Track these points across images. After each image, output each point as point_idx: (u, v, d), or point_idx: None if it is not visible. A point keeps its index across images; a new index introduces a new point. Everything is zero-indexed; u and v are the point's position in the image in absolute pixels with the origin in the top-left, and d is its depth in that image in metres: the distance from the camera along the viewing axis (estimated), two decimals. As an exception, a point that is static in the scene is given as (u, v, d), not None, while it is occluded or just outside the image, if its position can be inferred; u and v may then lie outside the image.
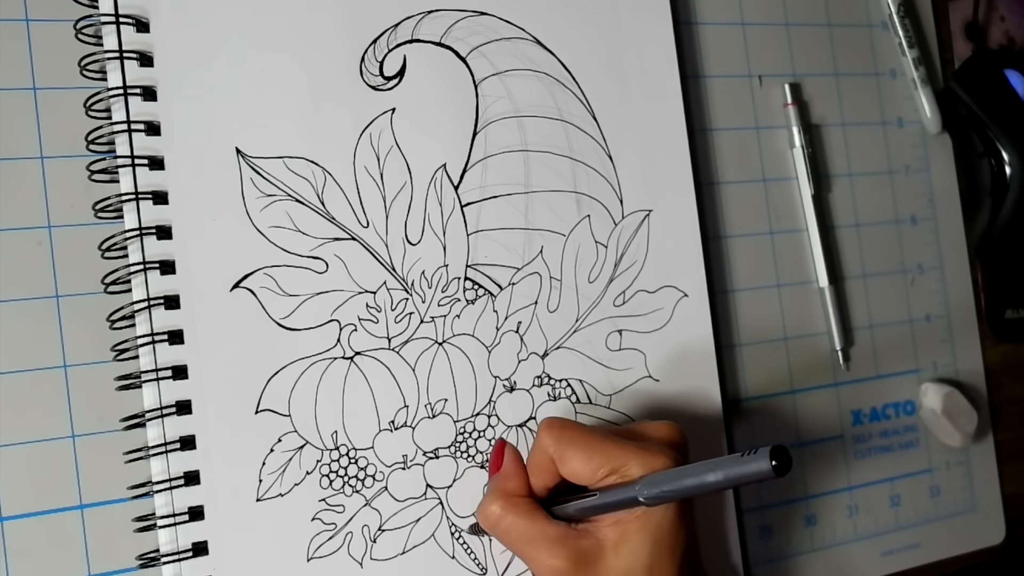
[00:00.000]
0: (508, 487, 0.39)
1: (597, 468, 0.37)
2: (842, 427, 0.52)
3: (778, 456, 0.31)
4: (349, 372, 0.41)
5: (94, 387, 0.37)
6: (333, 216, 0.41)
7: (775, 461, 0.31)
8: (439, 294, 0.42)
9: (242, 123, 0.40)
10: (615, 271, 0.46)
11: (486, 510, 0.39)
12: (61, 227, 0.38)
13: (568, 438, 0.38)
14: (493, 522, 0.38)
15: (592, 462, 0.37)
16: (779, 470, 0.31)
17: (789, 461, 0.31)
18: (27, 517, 0.36)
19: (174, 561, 0.37)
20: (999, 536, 0.56)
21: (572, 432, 0.38)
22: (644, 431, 0.39)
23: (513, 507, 0.38)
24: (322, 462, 0.40)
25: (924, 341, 0.55)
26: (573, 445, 0.37)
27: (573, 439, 0.38)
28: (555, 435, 0.38)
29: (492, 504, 0.38)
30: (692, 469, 0.35)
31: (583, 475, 0.37)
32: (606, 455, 0.37)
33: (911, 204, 0.56)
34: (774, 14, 0.53)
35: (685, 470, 0.35)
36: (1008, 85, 0.56)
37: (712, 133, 0.50)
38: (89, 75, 0.38)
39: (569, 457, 0.37)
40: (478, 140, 0.44)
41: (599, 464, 0.37)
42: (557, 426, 0.38)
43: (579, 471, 0.37)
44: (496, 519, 0.38)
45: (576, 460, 0.37)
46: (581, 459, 0.37)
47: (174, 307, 0.38)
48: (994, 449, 0.56)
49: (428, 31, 0.44)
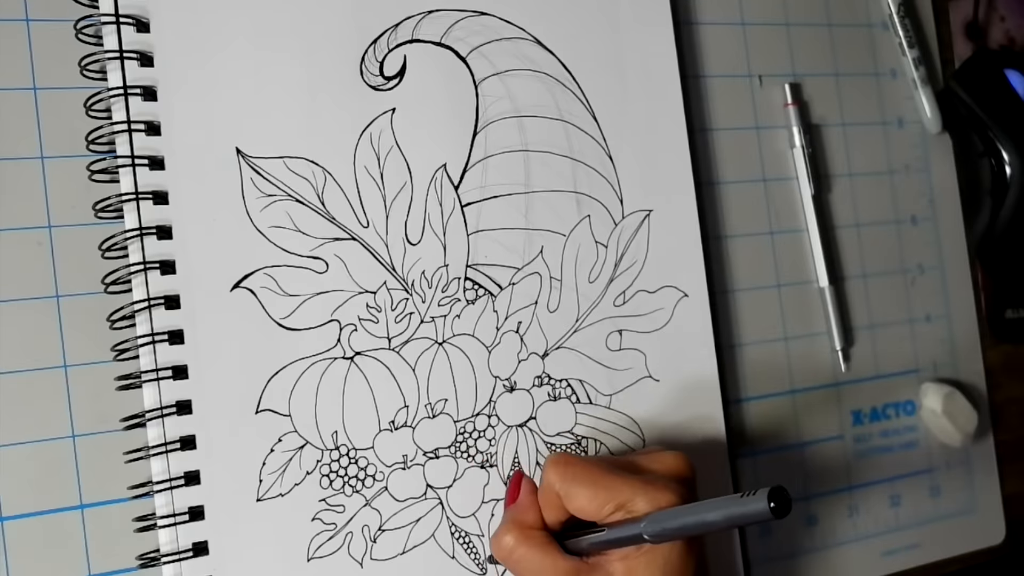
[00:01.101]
0: (523, 519, 0.39)
1: (603, 504, 0.37)
2: (842, 427, 0.52)
3: (776, 498, 0.32)
4: (349, 372, 0.41)
5: (94, 387, 0.37)
6: (333, 216, 0.41)
7: (773, 503, 0.32)
8: (439, 294, 0.42)
9: (242, 123, 0.40)
10: (615, 271, 0.46)
11: (500, 540, 0.39)
12: (61, 227, 0.38)
13: (572, 475, 0.38)
14: (506, 553, 0.39)
15: (597, 499, 0.37)
16: (777, 512, 0.32)
17: (788, 503, 0.32)
18: (27, 517, 0.36)
19: (174, 561, 0.37)
20: (999, 536, 0.56)
21: (576, 469, 0.38)
22: (651, 463, 0.39)
23: (527, 539, 0.38)
24: (322, 462, 0.40)
25: (924, 341, 0.55)
26: (578, 482, 0.38)
27: (577, 476, 0.38)
28: (560, 472, 0.38)
29: (507, 535, 0.39)
30: (693, 508, 0.35)
31: (589, 511, 0.37)
32: (612, 491, 0.37)
33: (911, 204, 0.56)
34: (774, 14, 0.53)
35: (687, 509, 0.35)
36: (1008, 85, 0.56)
37: (712, 133, 0.50)
38: (89, 75, 0.38)
39: (575, 494, 0.38)
40: (478, 140, 0.44)
41: (604, 500, 0.37)
42: (562, 463, 0.38)
43: (585, 508, 0.37)
44: (509, 550, 0.38)
45: (582, 497, 0.37)
46: (587, 496, 0.37)
47: (174, 307, 0.38)
48: (994, 449, 0.56)
49: (428, 31, 0.44)
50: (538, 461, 0.43)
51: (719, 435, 0.47)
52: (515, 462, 0.43)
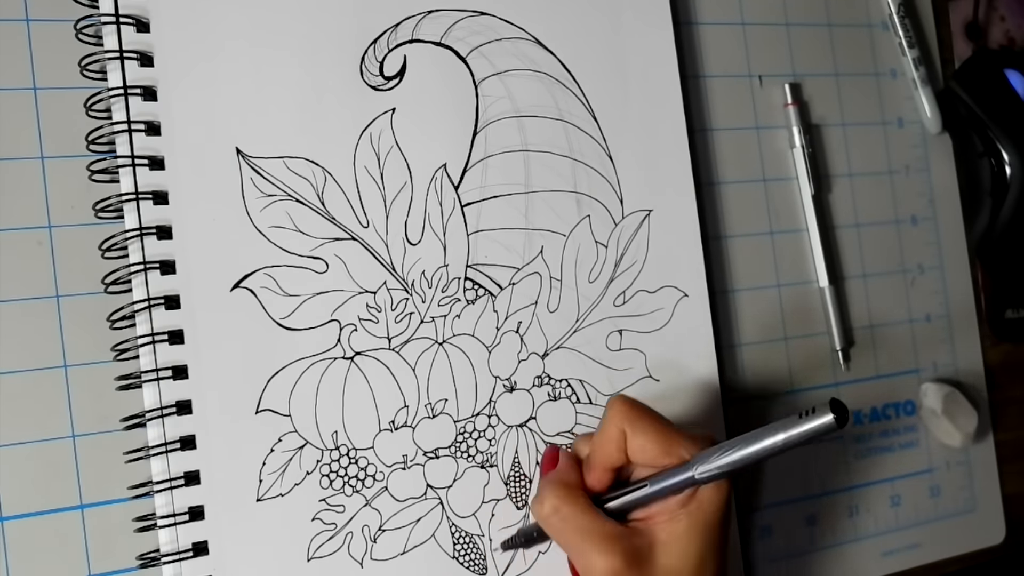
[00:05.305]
0: (567, 479, 0.39)
1: (664, 447, 0.37)
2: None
3: (837, 409, 0.32)
4: (349, 372, 0.41)
5: (94, 387, 0.37)
6: (333, 216, 0.41)
7: (835, 414, 0.32)
8: (439, 294, 0.42)
9: (242, 123, 0.40)
10: (615, 271, 0.46)
11: (544, 500, 0.38)
12: (61, 227, 0.38)
13: (638, 413, 0.38)
14: (548, 512, 0.38)
15: (659, 442, 0.38)
16: (840, 422, 0.32)
17: (847, 412, 0.33)
18: (27, 517, 0.36)
19: (174, 561, 0.37)
20: (999, 536, 0.56)
21: (642, 409, 0.39)
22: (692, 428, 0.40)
23: (573, 499, 0.38)
24: (322, 462, 0.40)
25: (924, 341, 0.55)
26: (642, 420, 0.38)
27: (643, 415, 0.38)
28: (627, 409, 0.38)
29: (551, 496, 0.38)
30: (747, 438, 0.35)
31: (650, 451, 0.38)
32: (672, 437, 0.38)
33: (911, 204, 0.56)
34: (774, 14, 0.53)
35: (739, 440, 0.36)
36: (1008, 85, 0.56)
37: (712, 133, 0.50)
38: (89, 75, 0.38)
39: (641, 430, 0.38)
40: (478, 140, 0.44)
41: (666, 444, 0.37)
42: (628, 402, 0.39)
43: (647, 447, 0.38)
44: (553, 509, 0.38)
45: (646, 437, 0.38)
46: (651, 436, 0.38)
47: (174, 307, 0.38)
48: (994, 449, 0.56)
49: (428, 31, 0.44)
50: (537, 461, 0.43)
51: (719, 435, 0.47)
52: (515, 462, 0.43)
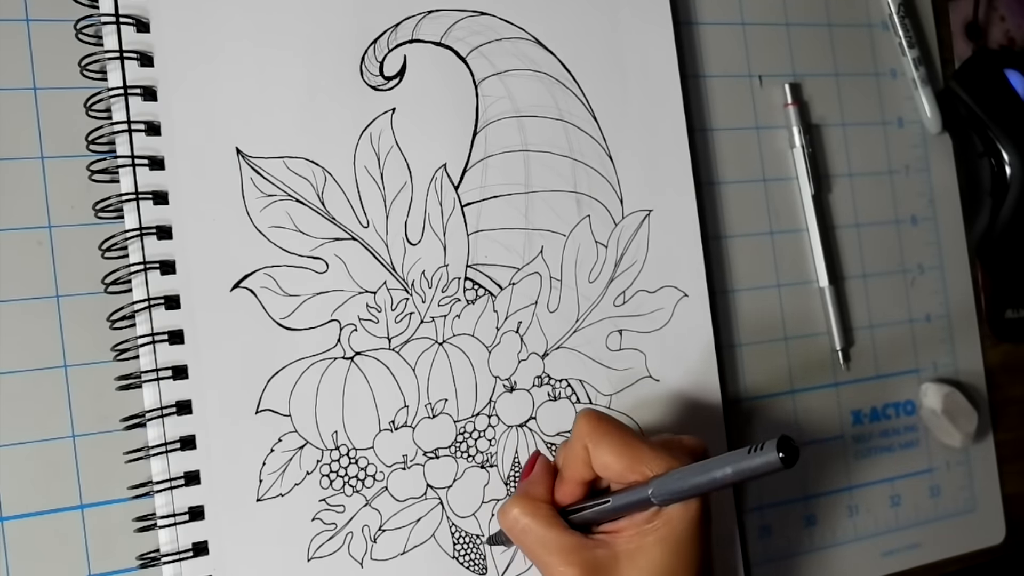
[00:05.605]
0: (533, 491, 0.39)
1: (628, 464, 0.37)
2: (842, 427, 0.52)
3: (785, 448, 0.31)
4: (349, 372, 0.41)
5: (94, 387, 0.37)
6: (333, 216, 0.41)
7: (782, 453, 0.31)
8: (439, 294, 0.42)
9: (242, 123, 0.40)
10: (615, 271, 0.46)
11: (507, 511, 0.39)
12: (61, 227, 0.38)
13: (604, 429, 0.38)
14: (510, 523, 0.39)
15: (623, 458, 0.37)
16: (787, 461, 0.31)
17: (796, 452, 0.31)
18: (27, 517, 0.36)
19: (174, 561, 0.37)
20: (999, 536, 0.56)
21: (608, 425, 0.38)
22: (670, 442, 0.40)
23: (533, 511, 0.38)
24: (322, 462, 0.40)
25: (924, 341, 0.55)
26: (609, 436, 0.38)
27: (609, 431, 0.38)
28: (593, 424, 0.38)
29: (514, 507, 0.39)
30: (700, 467, 0.35)
31: (614, 469, 0.37)
32: (637, 452, 0.37)
33: (911, 204, 0.56)
34: (774, 14, 0.53)
35: (693, 468, 0.35)
36: (1008, 85, 0.56)
37: (712, 133, 0.50)
38: (89, 75, 0.38)
39: (604, 448, 0.38)
40: (478, 140, 0.44)
41: (630, 460, 0.37)
42: (595, 416, 0.39)
43: (611, 464, 0.37)
44: (513, 520, 0.38)
45: (611, 453, 0.37)
46: (615, 452, 0.37)
47: (174, 307, 0.38)
48: (994, 449, 0.56)
49: (428, 31, 0.44)
50: None
51: (719, 435, 0.47)
52: (515, 462, 0.43)
